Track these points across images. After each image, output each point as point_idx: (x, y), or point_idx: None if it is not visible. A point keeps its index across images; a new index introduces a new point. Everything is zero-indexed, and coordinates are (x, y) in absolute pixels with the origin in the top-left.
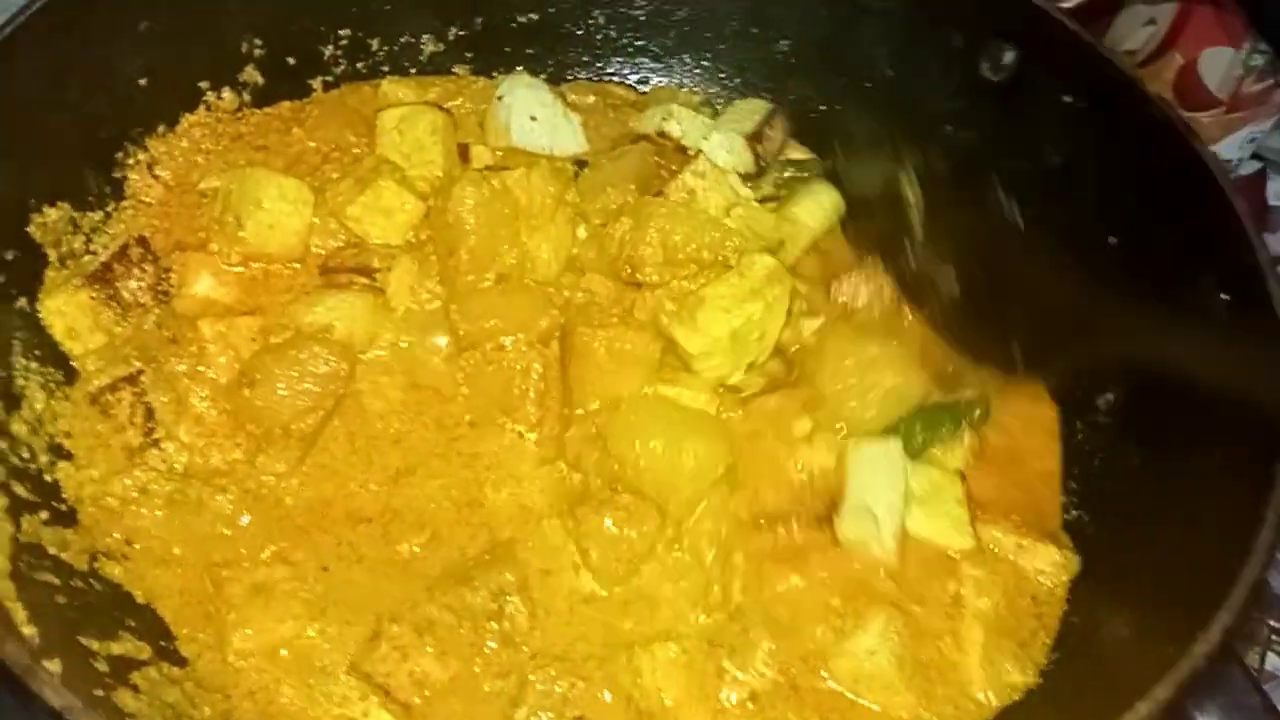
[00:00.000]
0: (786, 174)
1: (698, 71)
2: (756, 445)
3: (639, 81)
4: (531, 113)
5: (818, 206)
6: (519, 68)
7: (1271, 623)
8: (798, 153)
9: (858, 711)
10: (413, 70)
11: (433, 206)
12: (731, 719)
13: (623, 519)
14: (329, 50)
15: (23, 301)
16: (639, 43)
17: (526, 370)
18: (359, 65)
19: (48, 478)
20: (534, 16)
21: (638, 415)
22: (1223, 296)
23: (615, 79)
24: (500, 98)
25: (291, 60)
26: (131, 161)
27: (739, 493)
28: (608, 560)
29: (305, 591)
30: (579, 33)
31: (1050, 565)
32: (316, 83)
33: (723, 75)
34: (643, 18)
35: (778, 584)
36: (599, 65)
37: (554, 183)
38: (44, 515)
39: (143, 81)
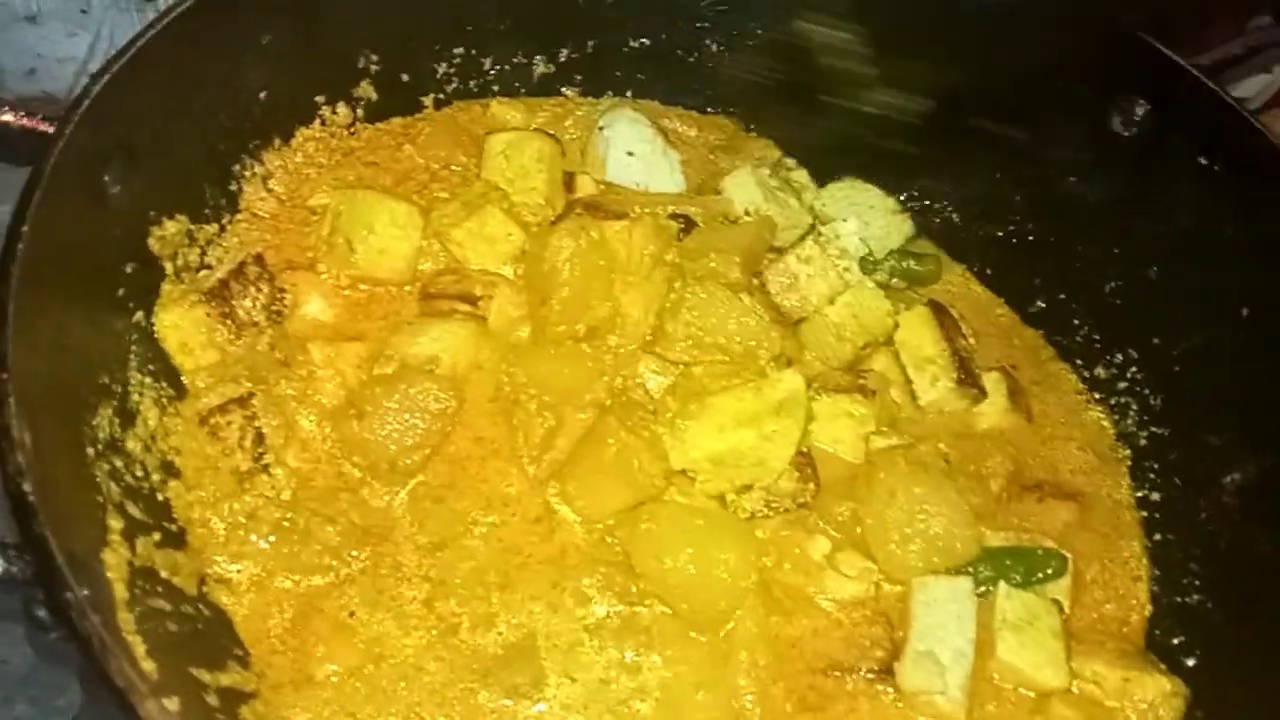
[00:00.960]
0: (905, 264)
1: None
2: (774, 576)
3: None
4: (630, 148)
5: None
6: (628, 92)
7: None
8: (921, 245)
9: None
10: (523, 90)
11: (529, 251)
12: None
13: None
14: (442, 68)
15: (139, 315)
16: (750, 73)
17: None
18: (471, 84)
19: (159, 497)
20: (646, 41)
21: (659, 525)
22: None
23: (722, 111)
24: (601, 129)
25: (405, 77)
26: (247, 175)
27: (777, 612)
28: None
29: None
30: (690, 60)
31: (1159, 694)
32: (429, 100)
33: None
34: (757, 47)
35: None
36: (709, 93)
37: (655, 241)
38: (157, 537)
39: (262, 95)
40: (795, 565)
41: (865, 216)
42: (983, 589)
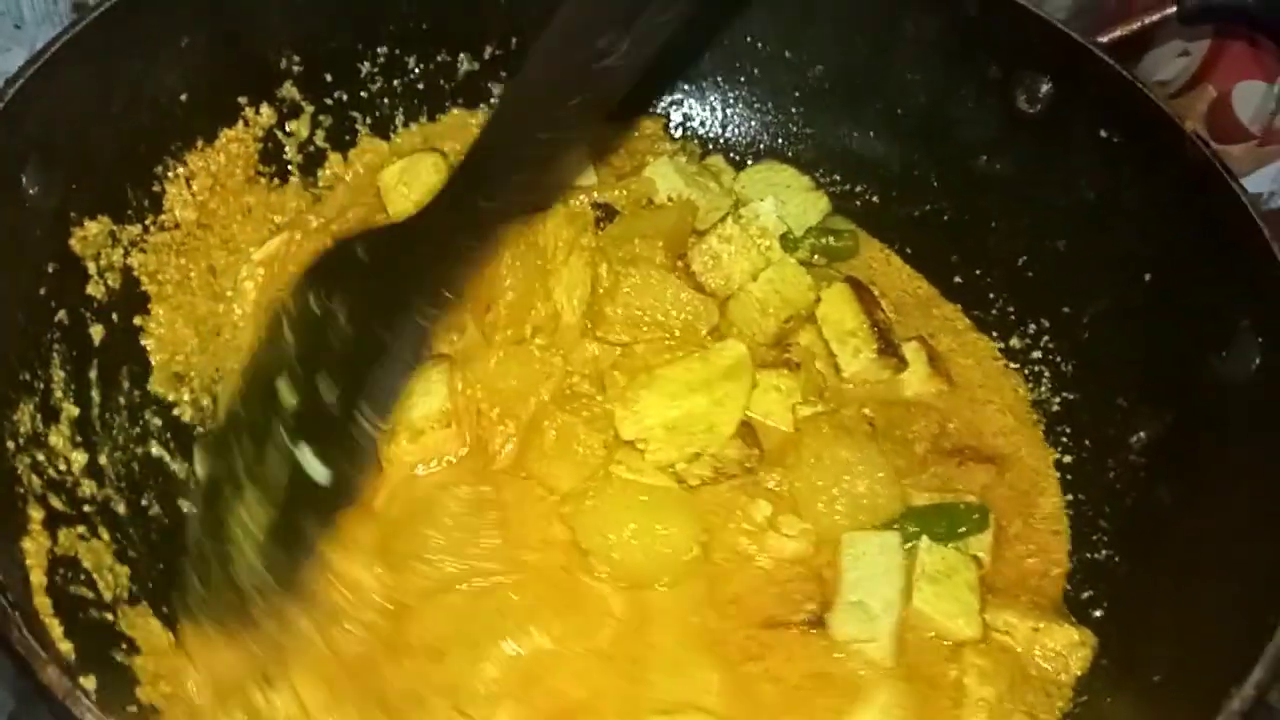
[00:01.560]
0: (824, 241)
1: (729, 97)
2: (718, 538)
3: (670, 105)
4: None
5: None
6: None
7: None
8: (838, 221)
9: None
10: (448, 87)
11: None
12: None
13: None
14: (366, 67)
15: (61, 314)
16: (672, 65)
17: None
18: (395, 82)
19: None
20: None
21: (603, 502)
22: (1259, 339)
23: (644, 103)
24: None
25: (329, 76)
26: (170, 175)
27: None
28: None
29: None
30: None
31: (1067, 643)
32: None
33: (755, 101)
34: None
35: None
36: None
37: (569, 227)
38: (81, 529)
39: (183, 97)
40: (738, 527)
41: (782, 195)
42: (909, 544)
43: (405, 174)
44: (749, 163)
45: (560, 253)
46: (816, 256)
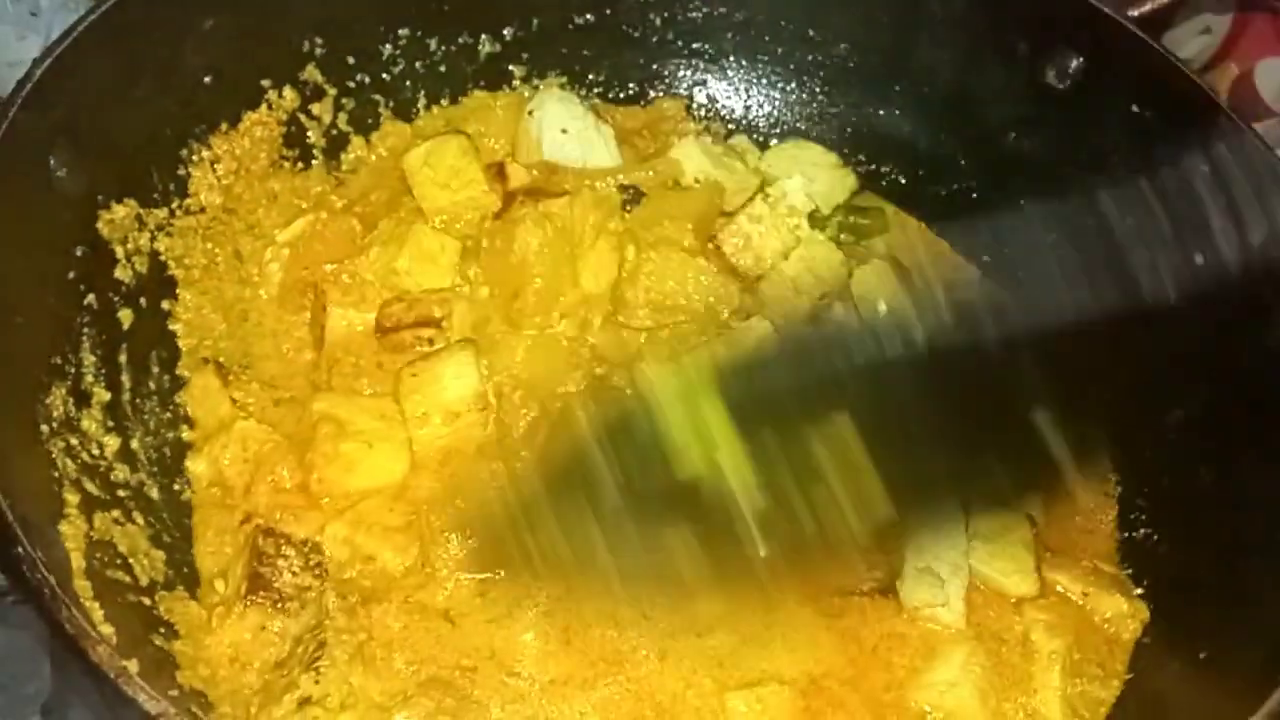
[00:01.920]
0: (852, 219)
1: (752, 77)
2: None
3: (693, 85)
4: (563, 126)
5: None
6: (576, 67)
7: None
8: (866, 198)
9: None
10: (470, 69)
11: (486, 248)
12: None
13: None
14: (388, 50)
15: (90, 298)
16: (695, 45)
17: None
18: (417, 64)
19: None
20: (590, 18)
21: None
22: None
23: (667, 84)
24: (530, 113)
25: (351, 59)
26: (195, 159)
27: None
28: None
29: None
30: (635, 35)
31: (1116, 614)
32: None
33: (779, 80)
34: (699, 20)
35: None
36: (654, 67)
37: (596, 211)
38: (116, 514)
39: (206, 80)
40: None
41: (809, 173)
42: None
43: (430, 156)
44: (773, 143)
45: (588, 237)
46: (844, 235)
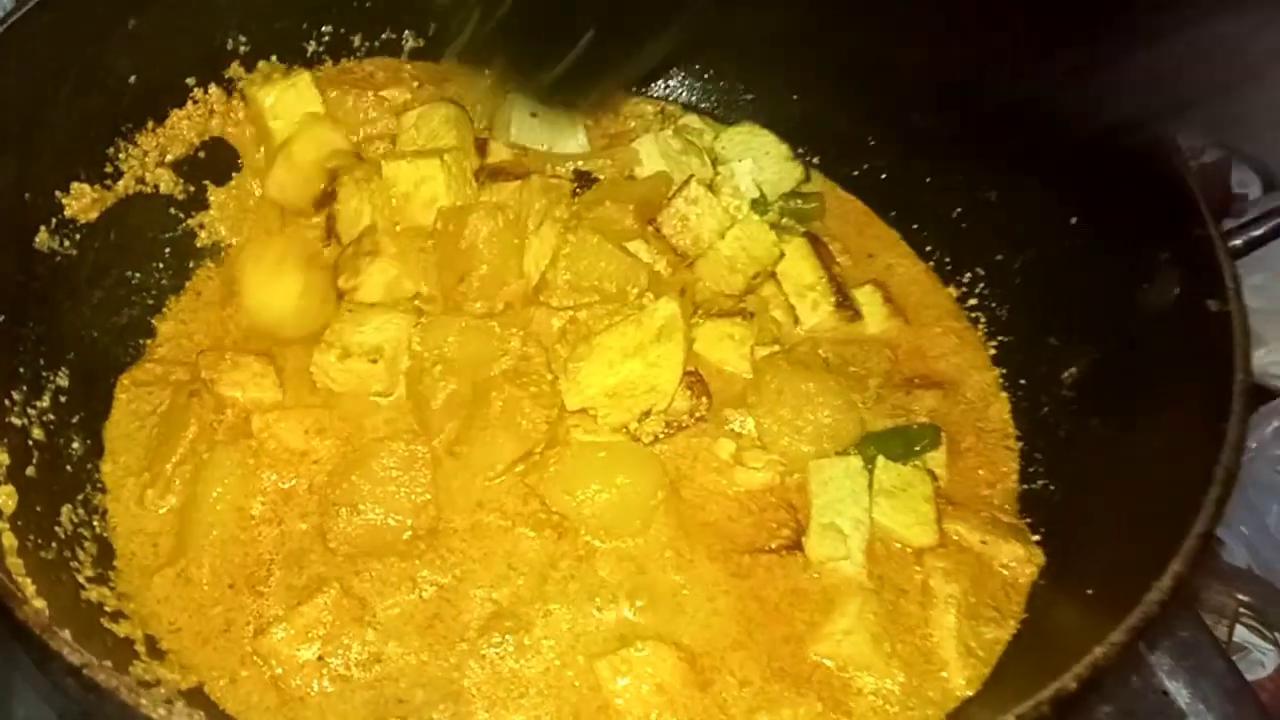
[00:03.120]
0: (793, 204)
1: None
2: (687, 478)
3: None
4: (532, 109)
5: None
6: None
7: (1239, 596)
8: (808, 185)
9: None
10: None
11: (439, 231)
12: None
13: None
14: (311, 46)
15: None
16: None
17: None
18: (341, 61)
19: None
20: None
21: (565, 464)
22: (1178, 271)
23: None
24: (508, 93)
25: (275, 57)
26: (123, 157)
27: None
28: None
29: None
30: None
31: (1013, 559)
32: None
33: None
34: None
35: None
36: None
37: (543, 197)
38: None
39: (131, 79)
40: (706, 466)
41: (760, 161)
42: (870, 466)
43: (421, 118)
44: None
45: (533, 223)
46: (785, 219)
